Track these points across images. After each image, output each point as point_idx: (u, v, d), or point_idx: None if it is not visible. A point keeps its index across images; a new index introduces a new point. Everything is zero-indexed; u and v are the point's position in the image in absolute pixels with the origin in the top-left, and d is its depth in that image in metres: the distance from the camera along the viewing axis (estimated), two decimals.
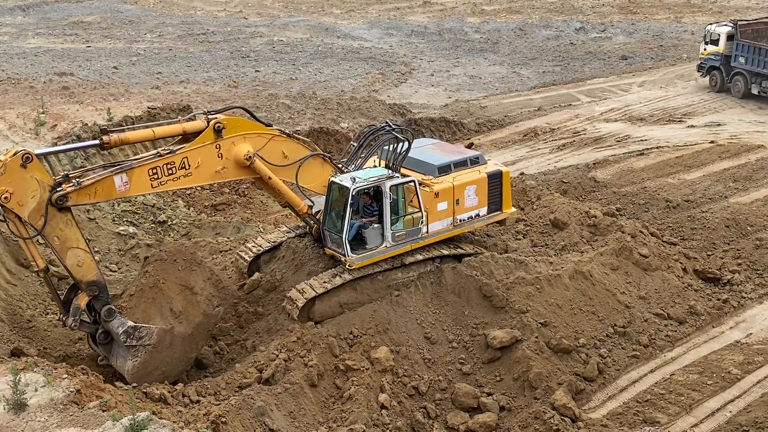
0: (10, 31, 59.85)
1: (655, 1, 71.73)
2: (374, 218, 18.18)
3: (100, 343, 16.59)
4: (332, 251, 18.26)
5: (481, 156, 20.30)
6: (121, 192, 15.92)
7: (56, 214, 15.28)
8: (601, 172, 29.05)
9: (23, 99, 33.81)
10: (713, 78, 41.22)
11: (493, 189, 19.80)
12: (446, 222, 19.11)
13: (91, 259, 15.95)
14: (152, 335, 16.15)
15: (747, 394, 17.02)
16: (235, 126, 16.88)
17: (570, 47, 55.22)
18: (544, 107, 39.26)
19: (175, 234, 24.28)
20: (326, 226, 18.18)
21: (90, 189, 15.46)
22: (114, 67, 46.94)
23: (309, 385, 16.09)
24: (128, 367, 16.12)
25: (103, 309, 16.08)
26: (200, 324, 16.80)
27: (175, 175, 16.23)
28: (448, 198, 18.92)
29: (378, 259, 18.12)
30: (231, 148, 16.77)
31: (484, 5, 72.53)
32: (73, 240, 15.62)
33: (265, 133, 17.38)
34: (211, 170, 16.73)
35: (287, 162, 17.67)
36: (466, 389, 16.80)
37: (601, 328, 18.51)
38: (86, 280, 15.87)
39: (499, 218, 20.47)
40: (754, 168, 28.63)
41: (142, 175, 15.89)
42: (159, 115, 29.28)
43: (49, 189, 15.15)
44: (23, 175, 14.88)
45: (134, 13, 68.64)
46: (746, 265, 21.89)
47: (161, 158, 16.04)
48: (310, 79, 45.79)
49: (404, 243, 18.34)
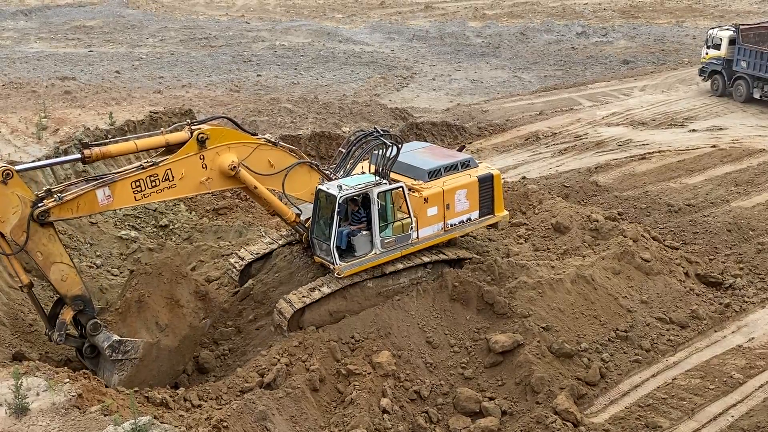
0: (13, 35, 59.97)
1: (656, 5, 71.82)
2: (363, 225, 18.00)
3: (87, 356, 16.49)
4: (321, 259, 18.08)
5: (471, 159, 20.13)
6: (104, 205, 15.78)
7: (38, 229, 15.16)
8: (602, 176, 29.04)
9: (25, 103, 33.84)
10: (715, 82, 41.15)
11: (484, 192, 19.59)
12: (437, 227, 18.88)
13: (75, 273, 15.87)
14: (138, 349, 16.10)
15: (749, 399, 16.99)
16: (219, 136, 16.72)
17: (571, 51, 55.25)
18: (545, 111, 39.26)
19: (176, 238, 24.30)
20: (314, 234, 17.99)
21: (72, 204, 15.35)
22: (116, 72, 47.02)
23: (311, 389, 16.08)
24: (114, 381, 16.04)
25: (89, 323, 16.00)
26: (186, 337, 16.79)
27: (159, 187, 16.10)
28: (438, 203, 18.70)
29: (368, 266, 17.92)
30: (215, 159, 16.63)
31: (486, 9, 72.61)
32: (57, 255, 15.52)
33: (250, 142, 17.20)
34: (196, 181, 16.58)
35: (273, 171, 17.48)
36: (467, 394, 16.78)
37: (603, 333, 18.50)
38: (71, 295, 15.79)
39: (491, 222, 20.22)
40: (755, 172, 28.61)
41: (125, 188, 15.76)
42: (161, 119, 29.28)
43: (30, 204, 15.03)
44: (4, 192, 14.78)
45: (136, 17, 68.75)
46: (748, 270, 21.88)
47: (144, 171, 15.89)
48: (311, 83, 45.85)
49: (394, 249, 18.14)
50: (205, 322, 17.27)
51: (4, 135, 26.89)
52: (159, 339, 16.42)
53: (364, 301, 18.08)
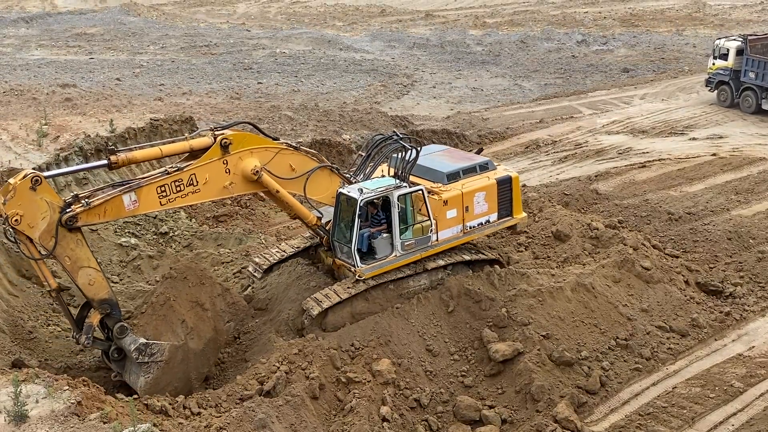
0: (14, 42, 60.11)
1: (656, 14, 72.01)
2: (383, 228, 18.30)
3: (114, 359, 16.73)
4: (342, 262, 18.39)
5: (490, 162, 20.22)
6: (130, 210, 16.10)
7: (66, 234, 15.43)
8: (603, 185, 29.06)
9: (26, 110, 33.90)
10: (722, 93, 40.61)
11: (503, 195, 19.71)
12: (456, 229, 19.07)
13: (102, 277, 16.12)
14: (164, 351, 16.38)
15: (749, 408, 16.95)
16: (242, 141, 17.01)
17: (572, 59, 55.36)
18: (545, 119, 39.31)
19: (176, 245, 24.28)
20: (336, 237, 18.32)
21: (99, 209, 15.63)
22: (117, 79, 47.12)
23: (310, 397, 16.04)
24: (141, 383, 16.31)
25: (116, 326, 16.24)
26: (211, 340, 17.06)
27: (184, 192, 16.40)
28: (457, 205, 18.89)
29: (388, 269, 18.19)
30: (238, 163, 16.91)
31: (486, 18, 72.79)
32: (84, 259, 15.77)
33: (272, 147, 17.49)
34: (219, 186, 16.87)
35: (295, 175, 17.78)
36: (468, 402, 16.76)
37: (603, 341, 18.47)
38: (98, 299, 16.04)
39: (510, 224, 20.30)
40: (756, 181, 28.62)
41: (150, 193, 16.06)
42: (161, 126, 29.32)
43: (58, 210, 15.30)
44: (33, 198, 15.03)
45: (137, 24, 68.93)
46: (748, 278, 21.86)
47: (169, 176, 16.20)
48: (312, 91, 45.93)
49: (414, 252, 18.40)
50: (229, 325, 17.52)
51: (4, 142, 26.93)
52: (184, 342, 16.67)
53: (386, 303, 18.28)
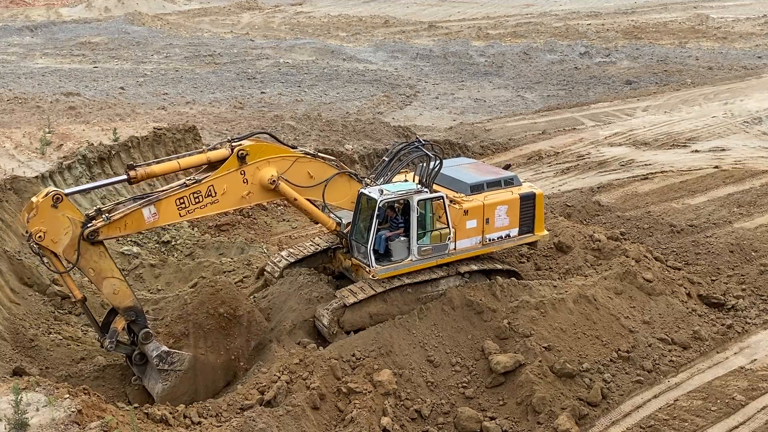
0: (18, 51, 60.36)
1: (659, 26, 72.18)
2: (401, 231, 18.49)
3: (136, 363, 17.18)
4: (358, 261, 18.61)
5: (516, 177, 20.40)
6: (150, 223, 16.44)
7: (89, 248, 15.78)
8: (605, 196, 29.06)
9: (30, 118, 34.01)
10: None
11: (525, 210, 19.84)
12: (475, 240, 19.22)
13: (126, 286, 16.48)
14: (184, 361, 16.78)
15: (751, 421, 16.88)
16: (259, 151, 17.25)
17: (574, 71, 55.46)
18: (548, 131, 39.35)
19: (178, 254, 24.30)
20: (353, 237, 18.55)
21: (120, 222, 15.98)
22: (120, 88, 47.26)
23: (311, 407, 16.01)
24: (158, 389, 16.71)
25: (141, 332, 16.62)
26: (230, 355, 17.32)
27: (202, 203, 16.70)
28: (477, 216, 19.04)
29: (402, 272, 18.39)
30: (256, 173, 17.18)
31: (489, 29, 72.99)
32: (107, 270, 16.16)
33: (289, 155, 17.71)
34: (237, 196, 17.17)
35: (313, 182, 18.03)
36: (468, 413, 16.71)
37: (605, 353, 18.43)
38: (123, 306, 16.44)
39: (531, 240, 20.45)
40: (758, 193, 28.58)
41: (170, 206, 16.37)
42: (165, 135, 29.38)
43: (80, 225, 15.66)
44: (55, 215, 15.43)
45: (141, 34, 69.19)
46: (751, 291, 21.79)
47: (187, 188, 16.50)
48: (315, 101, 46.02)
49: (430, 258, 18.57)
50: (249, 344, 17.77)
51: (8, 150, 26.98)
52: (205, 354, 17.04)
53: (404, 305, 18.47)
